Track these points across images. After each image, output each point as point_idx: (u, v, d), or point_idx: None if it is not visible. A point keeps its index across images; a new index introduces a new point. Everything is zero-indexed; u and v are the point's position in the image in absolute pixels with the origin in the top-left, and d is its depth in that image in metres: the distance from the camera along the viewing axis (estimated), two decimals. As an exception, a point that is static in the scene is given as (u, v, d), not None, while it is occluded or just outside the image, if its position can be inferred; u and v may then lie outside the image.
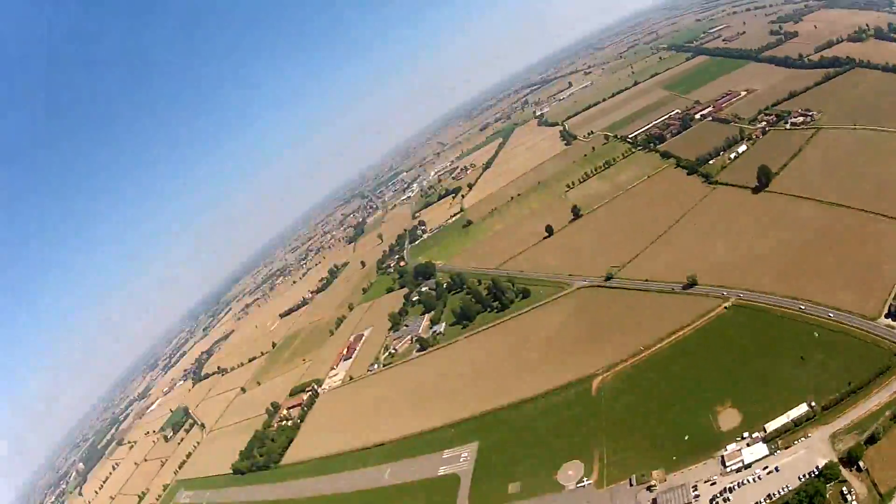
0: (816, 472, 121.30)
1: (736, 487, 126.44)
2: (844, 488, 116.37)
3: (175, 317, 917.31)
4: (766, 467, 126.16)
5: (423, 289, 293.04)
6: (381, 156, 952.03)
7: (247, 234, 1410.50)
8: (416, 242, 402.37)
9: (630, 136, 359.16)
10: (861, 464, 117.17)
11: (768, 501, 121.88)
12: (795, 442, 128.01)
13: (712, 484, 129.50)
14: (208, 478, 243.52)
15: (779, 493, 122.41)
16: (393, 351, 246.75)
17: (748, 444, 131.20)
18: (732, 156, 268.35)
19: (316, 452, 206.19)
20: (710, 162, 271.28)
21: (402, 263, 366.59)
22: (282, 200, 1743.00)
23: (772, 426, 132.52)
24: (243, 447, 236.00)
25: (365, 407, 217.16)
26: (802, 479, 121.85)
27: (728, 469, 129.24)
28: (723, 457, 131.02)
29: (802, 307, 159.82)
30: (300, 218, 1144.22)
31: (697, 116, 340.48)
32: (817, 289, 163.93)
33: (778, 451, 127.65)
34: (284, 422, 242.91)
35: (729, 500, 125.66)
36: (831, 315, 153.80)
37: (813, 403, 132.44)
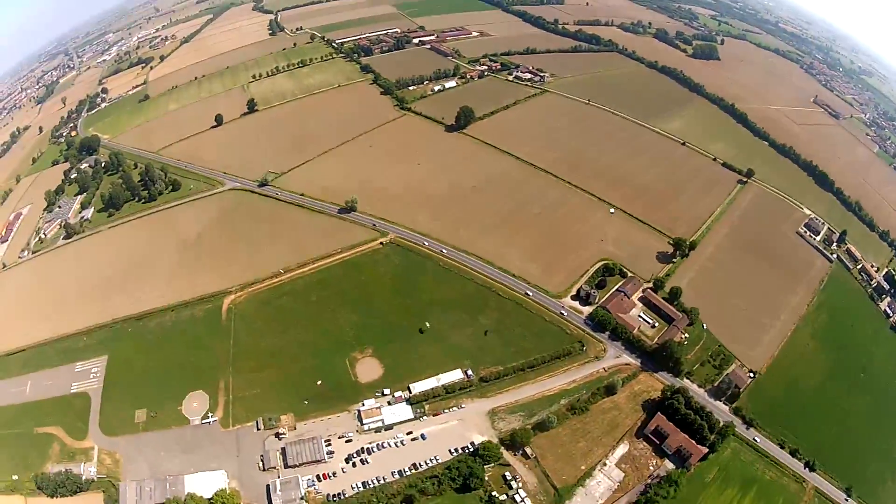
0: (471, 450, 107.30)
1: (375, 449, 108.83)
2: (508, 473, 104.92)
3: None
4: (411, 432, 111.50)
5: (83, 166, 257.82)
6: (103, 12, 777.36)
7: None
8: (94, 111, 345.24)
9: (337, 42, 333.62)
10: (528, 450, 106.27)
11: (413, 471, 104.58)
12: (446, 410, 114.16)
13: (348, 441, 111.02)
14: None
15: (426, 463, 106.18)
16: (43, 236, 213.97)
17: (389, 403, 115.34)
18: (437, 88, 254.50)
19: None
20: (411, 88, 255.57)
21: (73, 133, 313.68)
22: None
23: (417, 387, 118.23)
24: None
25: (8, 304, 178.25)
26: (454, 454, 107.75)
27: (366, 427, 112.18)
28: (360, 412, 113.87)
29: (470, 264, 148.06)
30: (9, 71, 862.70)
31: (416, 41, 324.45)
32: (496, 249, 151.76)
33: (424, 417, 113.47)
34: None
35: (367, 462, 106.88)
36: (508, 282, 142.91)
37: (469, 372, 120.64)
